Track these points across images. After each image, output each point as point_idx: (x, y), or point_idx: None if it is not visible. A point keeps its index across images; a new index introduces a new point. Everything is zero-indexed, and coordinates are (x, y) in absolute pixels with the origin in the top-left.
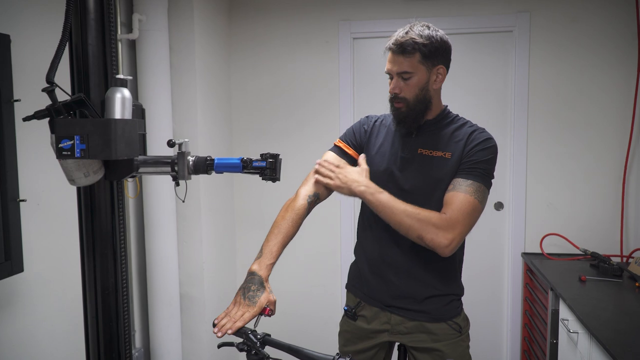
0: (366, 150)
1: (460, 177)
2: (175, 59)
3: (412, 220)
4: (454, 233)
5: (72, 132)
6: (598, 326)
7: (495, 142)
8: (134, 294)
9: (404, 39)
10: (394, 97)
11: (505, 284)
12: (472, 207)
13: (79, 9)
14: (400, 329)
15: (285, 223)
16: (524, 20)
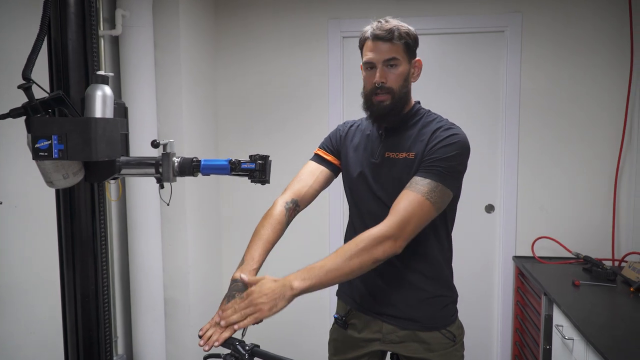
0: (343, 155)
1: (418, 174)
2: (160, 56)
3: (355, 256)
4: (401, 238)
5: (50, 132)
6: (594, 332)
7: (462, 137)
8: (116, 298)
9: (389, 26)
10: (379, 87)
11: (496, 288)
12: (421, 208)
13: (59, 2)
14: (392, 337)
15: (265, 230)
16: (516, 21)
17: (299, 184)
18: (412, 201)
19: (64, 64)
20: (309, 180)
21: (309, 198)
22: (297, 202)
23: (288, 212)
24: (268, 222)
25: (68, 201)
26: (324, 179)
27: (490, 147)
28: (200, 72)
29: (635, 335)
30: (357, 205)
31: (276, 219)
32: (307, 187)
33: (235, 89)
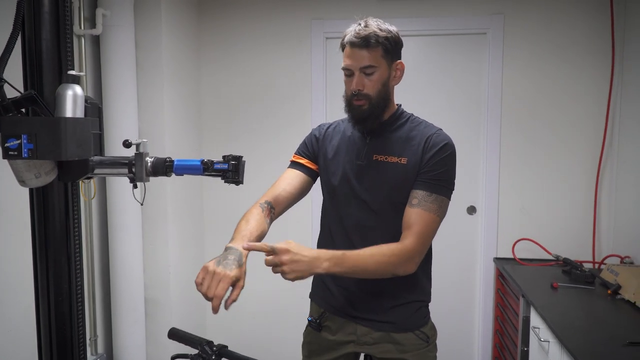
0: (321, 158)
1: (422, 189)
2: (141, 56)
3: (382, 265)
4: (419, 257)
5: (19, 131)
6: (569, 335)
7: (452, 144)
8: (97, 298)
9: (366, 32)
10: (356, 94)
11: (477, 290)
12: (434, 224)
13: (33, 2)
14: (366, 339)
15: (245, 222)
16: (498, 23)
17: (273, 188)
18: (428, 221)
19: (37, 64)
20: (283, 184)
21: (284, 201)
22: (271, 204)
23: (265, 211)
24: (247, 217)
25: (41, 200)
26: (299, 183)
27: (471, 149)
28: (182, 71)
29: (610, 338)
30: (338, 209)
31: (253, 212)
32: (280, 190)
33: (219, 88)
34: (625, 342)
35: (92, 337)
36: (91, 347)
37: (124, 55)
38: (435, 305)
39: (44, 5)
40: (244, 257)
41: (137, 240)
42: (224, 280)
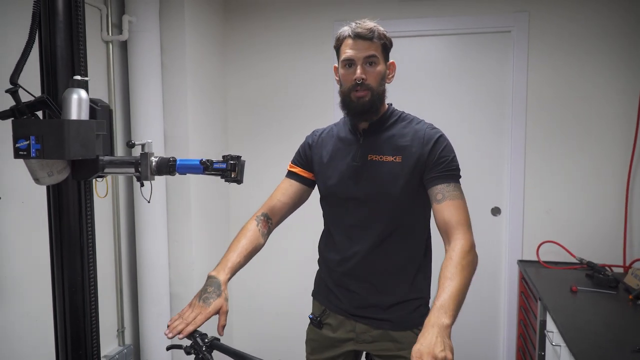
0: (316, 164)
1: (440, 183)
2: (166, 60)
3: (467, 271)
4: (473, 242)
5: (28, 132)
6: (578, 339)
7: (445, 135)
8: (124, 291)
9: (369, 26)
10: (359, 84)
11: (502, 293)
12: (466, 208)
13: (48, 12)
14: (365, 337)
15: (237, 240)
16: (522, 20)
17: (270, 199)
18: (460, 207)
19: (52, 69)
20: (278, 195)
21: (279, 211)
22: (267, 215)
23: (260, 224)
24: (241, 233)
25: (57, 198)
26: (294, 192)
27: (496, 149)
28: (206, 74)
29: (620, 344)
30: (336, 210)
31: (248, 228)
32: (275, 201)
33: (244, 90)
34: (635, 348)
35: (119, 329)
36: (119, 338)
37: (149, 59)
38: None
39: (58, 15)
40: (224, 284)
41: (163, 238)
42: (203, 314)
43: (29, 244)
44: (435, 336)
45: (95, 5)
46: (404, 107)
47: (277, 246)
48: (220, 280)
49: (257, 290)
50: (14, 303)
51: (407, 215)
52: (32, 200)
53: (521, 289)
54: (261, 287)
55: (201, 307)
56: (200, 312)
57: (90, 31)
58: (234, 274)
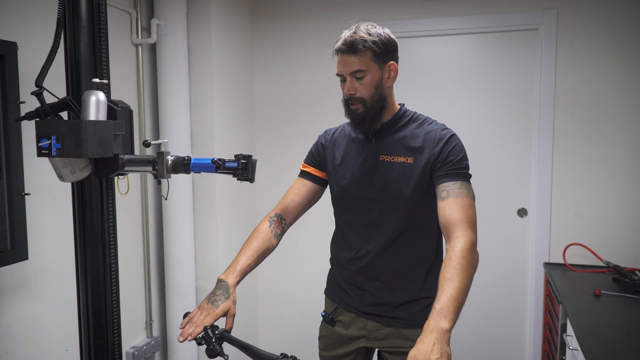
0: (329, 164)
1: (446, 180)
2: (193, 61)
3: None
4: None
5: (50, 132)
6: (594, 344)
7: (457, 136)
8: (152, 286)
9: (353, 38)
10: (349, 98)
11: (529, 295)
12: (472, 207)
13: (72, 18)
14: (376, 335)
15: (249, 241)
16: (550, 18)
17: (283, 199)
18: (463, 205)
19: (76, 72)
20: (291, 194)
21: (293, 211)
22: (280, 215)
23: (273, 225)
24: (253, 235)
25: (80, 194)
26: (307, 191)
27: (523, 149)
28: (233, 74)
29: (637, 351)
30: (348, 210)
31: (260, 230)
32: (289, 201)
33: (271, 90)
34: None
35: (147, 322)
36: (147, 330)
37: (177, 61)
38: (486, 311)
39: (82, 20)
40: (232, 287)
41: (189, 233)
42: (211, 315)
43: (59, 238)
44: (432, 342)
45: (125, 9)
46: (429, 107)
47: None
48: (229, 284)
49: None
50: (45, 293)
51: (418, 215)
52: (62, 197)
53: (547, 292)
54: (283, 284)
55: (209, 310)
56: (208, 314)
57: (121, 35)
58: (243, 277)
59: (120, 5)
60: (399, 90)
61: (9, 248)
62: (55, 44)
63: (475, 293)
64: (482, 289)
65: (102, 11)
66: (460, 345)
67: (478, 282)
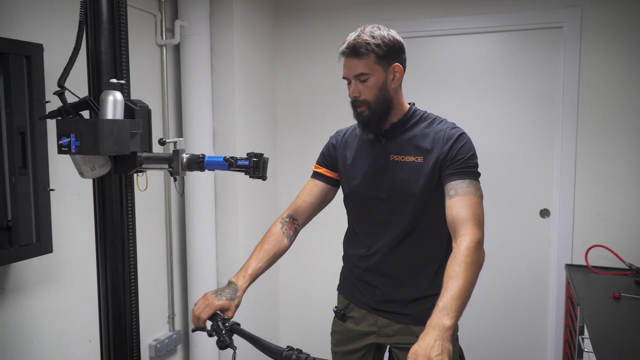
0: (340, 164)
1: (454, 179)
2: (215, 62)
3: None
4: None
5: (69, 131)
6: (607, 347)
7: (466, 134)
8: (174, 281)
9: (356, 42)
10: (354, 101)
11: (550, 297)
12: (479, 205)
13: (94, 20)
14: (387, 331)
15: (262, 243)
16: (575, 16)
17: (296, 200)
18: (470, 204)
19: (97, 72)
20: (303, 195)
21: (305, 211)
22: (292, 216)
23: (285, 226)
24: (265, 237)
25: (101, 190)
26: (318, 192)
27: (546, 149)
28: (255, 74)
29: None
30: (359, 209)
31: (272, 232)
32: (300, 202)
33: (293, 90)
34: None
35: (170, 315)
36: (169, 324)
37: (200, 62)
38: (507, 312)
39: (102, 23)
40: (241, 290)
41: (211, 230)
42: (210, 307)
43: (83, 232)
44: (434, 339)
45: (150, 11)
46: (449, 106)
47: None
48: (238, 287)
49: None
50: (69, 285)
51: (428, 213)
52: (86, 193)
53: (568, 294)
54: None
55: (211, 301)
56: (207, 306)
57: (146, 36)
58: (254, 280)
59: (145, 8)
60: (419, 90)
61: (34, 241)
62: (77, 46)
63: (496, 294)
64: (503, 291)
65: (122, 14)
66: (482, 346)
67: (499, 283)
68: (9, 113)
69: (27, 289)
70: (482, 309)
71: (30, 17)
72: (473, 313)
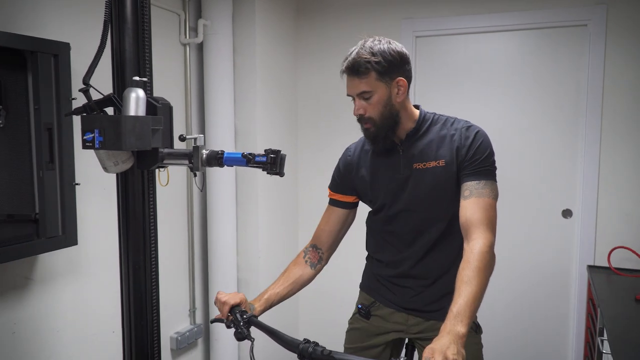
0: (358, 184)
1: (470, 179)
2: (238, 60)
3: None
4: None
5: (93, 126)
6: (625, 349)
7: (483, 131)
8: (196, 275)
9: (355, 60)
10: (359, 118)
11: (572, 299)
12: (492, 208)
13: (118, 20)
14: (417, 328)
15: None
16: (600, 14)
17: (316, 229)
18: (484, 206)
19: (121, 70)
20: (322, 224)
21: (327, 239)
22: (315, 245)
23: (309, 254)
24: (289, 265)
25: (124, 185)
26: (336, 218)
27: (569, 148)
28: (276, 72)
29: None
30: (389, 222)
31: (295, 261)
32: (320, 231)
33: (314, 88)
34: None
35: (191, 309)
36: (190, 317)
37: (222, 60)
38: (528, 313)
39: (127, 22)
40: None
41: (232, 226)
42: (238, 295)
43: (107, 226)
44: (450, 342)
45: (175, 11)
46: (471, 104)
47: None
48: (254, 308)
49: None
50: (93, 277)
51: (456, 215)
52: (111, 187)
53: (589, 295)
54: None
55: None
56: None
57: (170, 35)
58: (270, 305)
59: (170, 7)
60: (441, 88)
61: (60, 234)
62: (101, 45)
63: (517, 294)
64: (524, 291)
65: (146, 13)
66: (503, 346)
67: (519, 283)
68: (37, 109)
69: (52, 280)
70: (503, 308)
71: (58, 17)
72: (495, 311)
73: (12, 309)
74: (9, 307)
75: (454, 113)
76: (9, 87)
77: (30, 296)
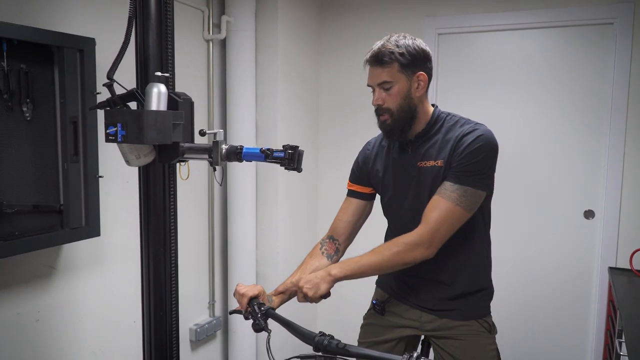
0: (373, 178)
1: (447, 180)
2: (260, 57)
3: (391, 258)
4: (431, 243)
5: (116, 121)
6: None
7: (487, 138)
8: (216, 269)
9: (380, 50)
10: (378, 108)
11: (593, 300)
12: (452, 214)
13: (142, 16)
14: (430, 326)
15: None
16: (626, 11)
17: (334, 221)
18: (443, 209)
19: (144, 66)
20: (340, 215)
21: (344, 230)
22: (332, 237)
23: (325, 246)
24: (306, 257)
25: (145, 178)
26: (354, 209)
27: (592, 148)
28: (298, 68)
29: None
30: (395, 214)
31: (312, 253)
32: (337, 222)
33: (336, 85)
34: None
35: (210, 302)
36: (210, 310)
37: (245, 56)
38: (548, 313)
39: (151, 19)
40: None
41: (252, 221)
42: (256, 287)
43: (129, 218)
44: (316, 277)
45: (198, 7)
46: (493, 103)
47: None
48: (272, 299)
49: None
50: (115, 267)
51: None
52: (134, 180)
53: (610, 297)
54: None
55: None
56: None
57: (193, 31)
58: (288, 298)
59: (194, 4)
60: (463, 86)
61: (83, 225)
62: (126, 40)
63: (538, 295)
64: (545, 291)
65: (169, 10)
66: (522, 346)
67: (540, 283)
68: (63, 103)
69: (76, 270)
70: (523, 307)
71: (83, 13)
72: (514, 311)
73: (36, 297)
74: (34, 296)
75: (475, 110)
76: (36, 81)
77: (53, 285)
